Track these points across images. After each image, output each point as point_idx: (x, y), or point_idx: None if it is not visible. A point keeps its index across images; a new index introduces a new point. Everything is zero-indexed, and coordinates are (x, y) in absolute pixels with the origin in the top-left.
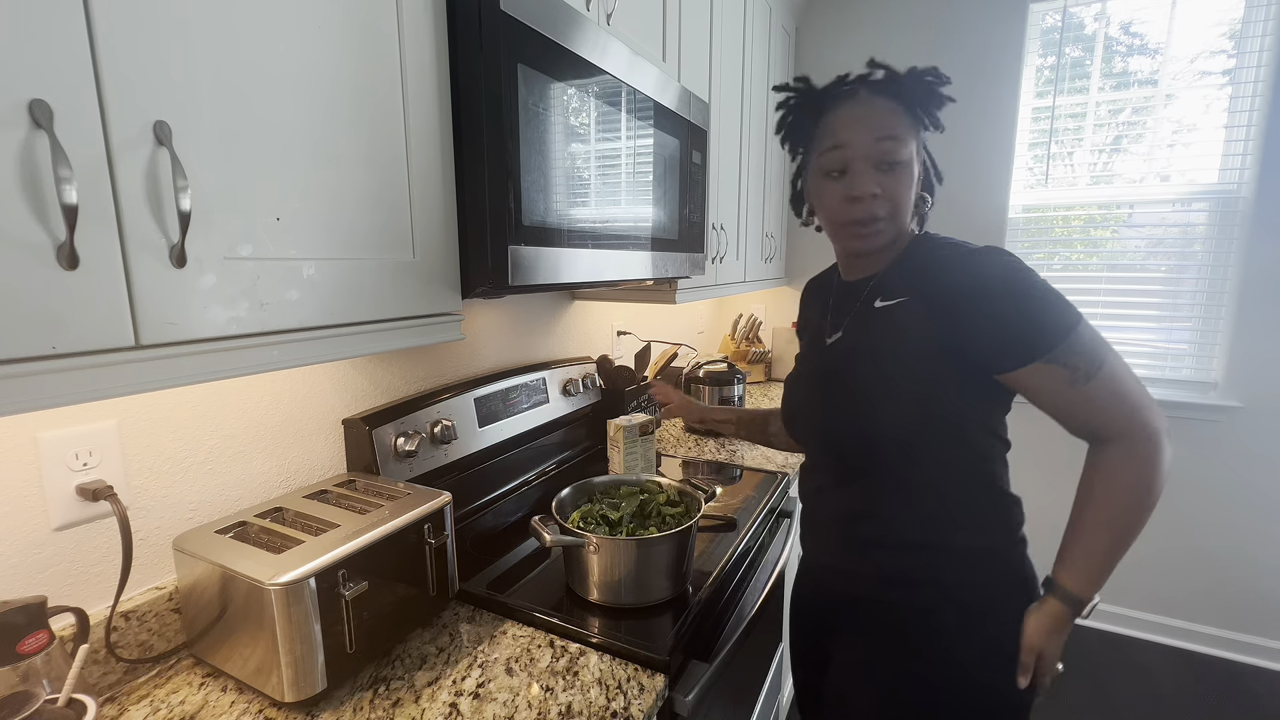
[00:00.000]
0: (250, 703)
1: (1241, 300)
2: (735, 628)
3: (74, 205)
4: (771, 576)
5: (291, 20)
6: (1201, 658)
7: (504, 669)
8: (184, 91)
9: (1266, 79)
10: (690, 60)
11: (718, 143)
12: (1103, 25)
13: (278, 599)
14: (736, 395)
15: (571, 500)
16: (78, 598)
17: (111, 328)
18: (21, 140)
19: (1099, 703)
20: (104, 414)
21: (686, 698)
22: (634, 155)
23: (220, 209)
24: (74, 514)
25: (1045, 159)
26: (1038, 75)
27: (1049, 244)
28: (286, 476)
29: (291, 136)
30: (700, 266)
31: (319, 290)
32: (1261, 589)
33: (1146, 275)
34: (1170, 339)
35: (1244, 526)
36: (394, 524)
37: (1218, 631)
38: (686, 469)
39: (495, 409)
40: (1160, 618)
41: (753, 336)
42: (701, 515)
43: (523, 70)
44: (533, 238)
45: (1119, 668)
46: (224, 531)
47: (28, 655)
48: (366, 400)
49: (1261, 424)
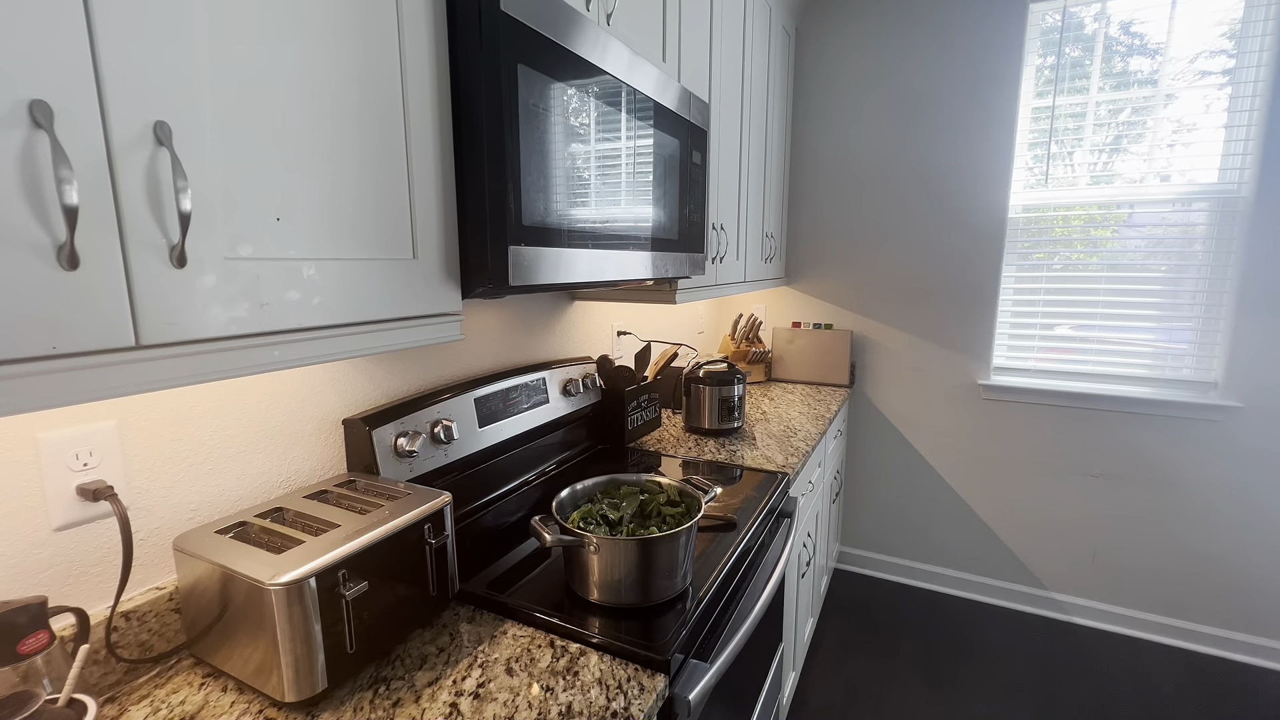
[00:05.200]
0: (250, 703)
1: (1241, 300)
2: (735, 628)
3: (74, 206)
4: (771, 576)
5: (291, 20)
6: (1201, 658)
7: (504, 669)
8: (184, 92)
9: (1266, 79)
10: (690, 60)
11: (718, 143)
12: (1103, 25)
13: (278, 599)
14: (736, 395)
15: (571, 500)
16: (78, 598)
17: (112, 328)
18: (22, 141)
19: (1099, 703)
20: (104, 414)
21: (687, 697)
22: (634, 155)
23: (220, 209)
24: (74, 514)
25: (1045, 159)
26: (1038, 75)
27: (1049, 244)
28: (287, 476)
29: (292, 136)
30: (700, 266)
31: (319, 290)
32: (1261, 589)
33: (1146, 275)
34: (1170, 339)
35: (1244, 526)
36: (394, 524)
37: (1218, 631)
38: (686, 469)
39: (495, 409)
40: (1160, 618)
41: (753, 336)
42: (701, 515)
43: (523, 70)
44: (533, 238)
45: (1119, 668)
46: (224, 531)
47: (28, 655)
48: (367, 400)
49: (1261, 424)
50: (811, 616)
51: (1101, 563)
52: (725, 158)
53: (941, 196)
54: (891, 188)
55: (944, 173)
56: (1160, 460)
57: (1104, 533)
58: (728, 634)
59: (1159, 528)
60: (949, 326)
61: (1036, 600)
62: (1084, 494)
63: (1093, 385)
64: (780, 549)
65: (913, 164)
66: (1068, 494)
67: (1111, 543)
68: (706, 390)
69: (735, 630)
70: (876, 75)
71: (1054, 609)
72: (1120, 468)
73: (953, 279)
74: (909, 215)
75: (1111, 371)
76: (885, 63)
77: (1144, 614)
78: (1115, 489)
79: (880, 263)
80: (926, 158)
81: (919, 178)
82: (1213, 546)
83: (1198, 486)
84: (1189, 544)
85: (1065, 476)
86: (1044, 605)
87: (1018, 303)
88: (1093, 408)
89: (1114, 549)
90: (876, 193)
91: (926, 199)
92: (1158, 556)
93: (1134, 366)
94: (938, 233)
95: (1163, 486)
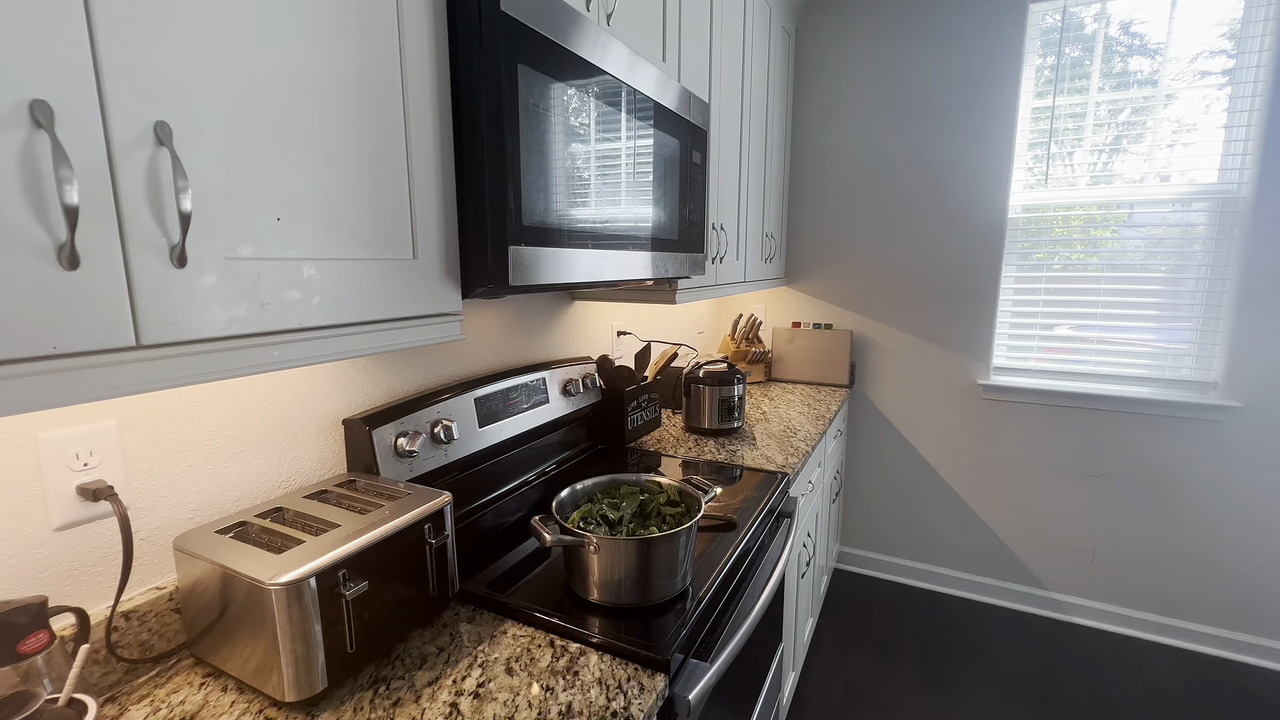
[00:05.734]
0: (250, 703)
1: (1241, 300)
2: (735, 628)
3: (75, 206)
4: (771, 576)
5: (291, 20)
6: (1201, 658)
7: (504, 669)
8: (185, 92)
9: (1266, 79)
10: (690, 60)
11: (718, 143)
12: (1103, 25)
13: (278, 599)
14: (736, 395)
15: (571, 500)
16: (78, 598)
17: (112, 328)
18: (23, 140)
19: (1099, 703)
20: (104, 414)
21: (687, 697)
22: (634, 155)
23: (221, 209)
24: (74, 514)
25: (1045, 159)
26: (1037, 75)
27: (1049, 244)
28: (287, 476)
29: (292, 136)
30: (700, 267)
31: (319, 290)
32: (1261, 589)
33: (1146, 275)
34: (1170, 339)
35: (1244, 526)
36: (394, 524)
37: (1218, 631)
38: (686, 469)
39: (495, 409)
40: (1160, 618)
41: (753, 336)
42: (701, 515)
43: (523, 70)
44: (533, 238)
45: (1119, 668)
46: (224, 531)
47: (28, 655)
48: (367, 400)
49: (1261, 424)
50: (811, 616)
51: (1101, 563)
52: (725, 158)
53: (941, 196)
54: (891, 188)
55: (944, 173)
56: (1160, 460)
57: (1104, 533)
58: (728, 634)
59: (1159, 528)
60: (949, 326)
61: (1036, 600)
62: (1084, 494)
63: (1093, 385)
64: (780, 549)
65: (913, 164)
66: (1068, 494)
67: (1111, 543)
68: (706, 390)
69: (735, 630)
70: (876, 75)
71: (1054, 609)
72: (1120, 468)
73: (953, 279)
74: (909, 215)
75: (1111, 371)
76: (885, 63)
77: (1144, 614)
78: (1115, 489)
79: (880, 263)
80: (926, 158)
81: (919, 178)
82: (1213, 546)
83: (1198, 486)
84: (1189, 544)
85: (1065, 476)
86: (1044, 605)
87: (1018, 303)
88: (1093, 408)
89: (1114, 549)
90: (876, 193)
91: (926, 199)
92: (1158, 556)
93: (1134, 366)
94: (938, 233)
95: (1163, 486)
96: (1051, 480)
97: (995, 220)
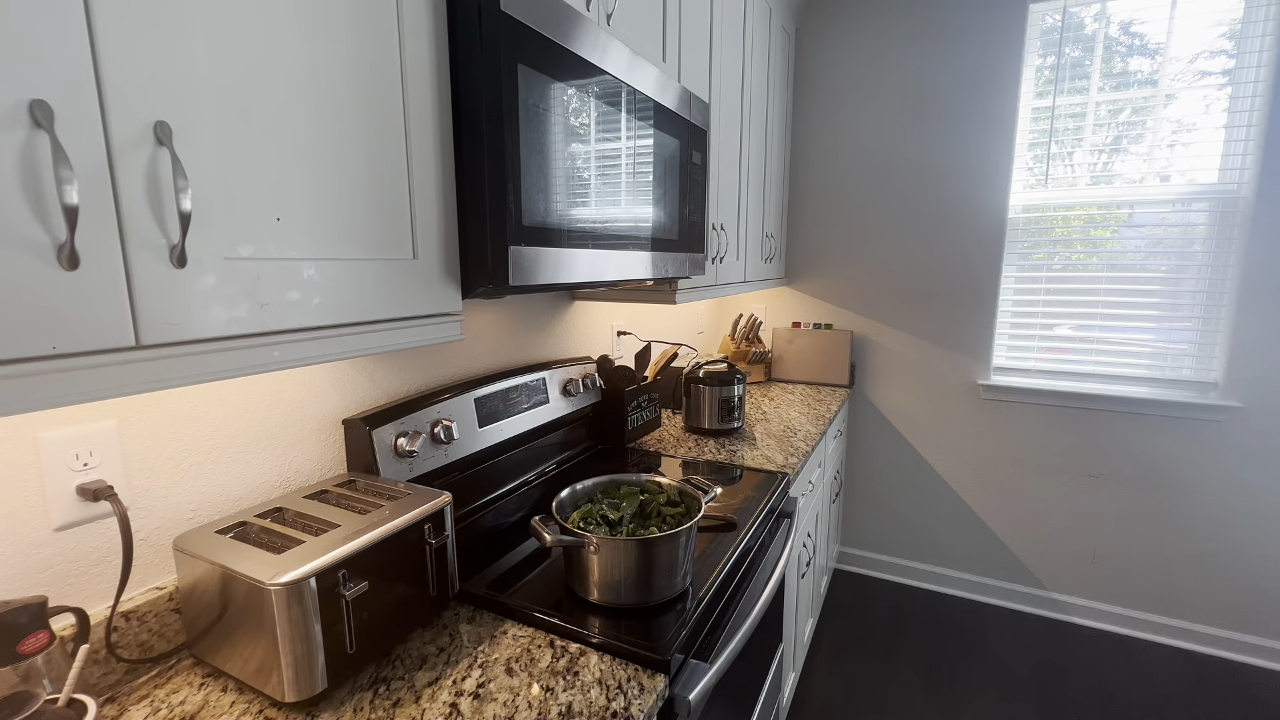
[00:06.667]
0: (250, 703)
1: (1241, 300)
2: (736, 628)
3: (74, 206)
4: (771, 577)
5: (292, 20)
6: (1201, 658)
7: (504, 669)
8: (185, 92)
9: (1266, 79)
10: (690, 60)
11: (718, 143)
12: (1103, 25)
13: (278, 599)
14: (736, 395)
15: (571, 500)
16: (78, 598)
17: (112, 328)
18: (22, 140)
19: (1099, 703)
20: (104, 414)
21: (687, 698)
22: (634, 155)
23: (221, 209)
24: (74, 514)
25: (1045, 159)
26: (1038, 75)
27: (1049, 244)
28: (287, 476)
29: (292, 137)
30: (700, 267)
31: (319, 290)
32: (1261, 589)
33: (1146, 275)
34: (1170, 339)
35: (1244, 526)
36: (394, 524)
37: (1218, 631)
38: (686, 469)
39: (495, 409)
40: (1160, 618)
41: (753, 336)
42: (701, 515)
43: (523, 70)
44: (533, 238)
45: (1119, 668)
46: (224, 531)
47: (28, 655)
48: (367, 400)
49: (1261, 424)
50: (811, 617)
51: (1101, 563)
52: (725, 158)
53: (941, 196)
54: (891, 188)
55: (944, 173)
56: (1160, 460)
57: (1104, 533)
58: (728, 634)
59: (1159, 528)
60: (949, 326)
61: (1036, 600)
62: (1084, 494)
63: (1093, 385)
64: (780, 549)
65: (913, 164)
66: (1068, 494)
67: (1111, 543)
68: (706, 390)
69: (735, 630)
70: (876, 75)
71: (1054, 609)
72: (1120, 468)
73: (953, 279)
74: (909, 215)
75: (1111, 371)
76: (885, 63)
77: (1144, 614)
78: (1115, 489)
79: (880, 263)
80: (927, 158)
81: (919, 178)
82: (1213, 546)
83: (1198, 486)
84: (1189, 544)
85: (1065, 476)
86: (1044, 605)
87: (1018, 303)
88: (1093, 408)
89: (1114, 549)
90: (876, 193)
91: (926, 199)
92: (1158, 556)
93: (1134, 366)
94: (938, 232)
95: (1163, 486)
96: (1052, 480)
97: (995, 220)
